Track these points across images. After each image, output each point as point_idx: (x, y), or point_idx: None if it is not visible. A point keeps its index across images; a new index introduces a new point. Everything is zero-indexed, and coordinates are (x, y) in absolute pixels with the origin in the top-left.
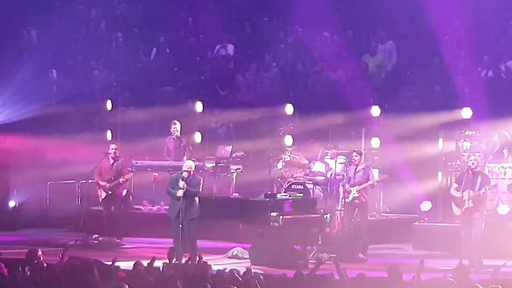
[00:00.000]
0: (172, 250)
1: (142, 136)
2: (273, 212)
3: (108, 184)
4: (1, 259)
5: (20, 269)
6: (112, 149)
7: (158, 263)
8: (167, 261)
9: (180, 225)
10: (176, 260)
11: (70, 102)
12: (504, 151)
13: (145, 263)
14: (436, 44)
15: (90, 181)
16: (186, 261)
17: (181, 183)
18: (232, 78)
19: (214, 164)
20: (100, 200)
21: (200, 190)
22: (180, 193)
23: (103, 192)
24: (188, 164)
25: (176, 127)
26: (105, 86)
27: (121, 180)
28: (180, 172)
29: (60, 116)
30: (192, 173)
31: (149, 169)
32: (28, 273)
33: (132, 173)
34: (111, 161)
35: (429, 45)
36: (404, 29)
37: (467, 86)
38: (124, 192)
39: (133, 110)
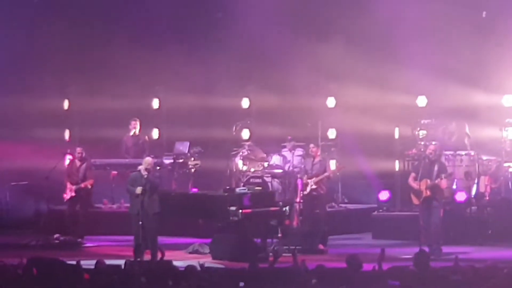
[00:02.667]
0: (139, 247)
1: (100, 134)
2: (232, 206)
3: (75, 187)
4: None
5: None
6: (79, 152)
7: (120, 261)
8: (130, 259)
9: (140, 222)
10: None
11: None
12: (466, 140)
13: (107, 261)
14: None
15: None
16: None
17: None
18: None
19: (172, 161)
20: (65, 200)
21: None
22: (139, 190)
23: (69, 192)
24: (148, 162)
25: (136, 124)
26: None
27: (82, 185)
28: (139, 169)
29: (17, 115)
30: (151, 170)
31: (108, 167)
32: None
33: (92, 180)
34: (78, 163)
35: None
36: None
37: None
38: None
39: (90, 108)
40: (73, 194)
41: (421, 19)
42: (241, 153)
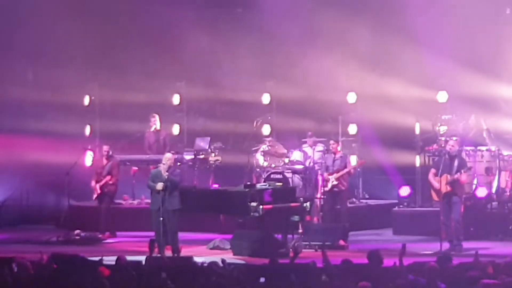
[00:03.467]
0: (153, 241)
1: (121, 130)
2: (253, 202)
3: (98, 185)
4: None
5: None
6: (105, 151)
7: (141, 257)
8: (149, 255)
9: (161, 218)
10: (158, 253)
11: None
12: (484, 134)
13: (127, 257)
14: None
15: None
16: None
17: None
18: None
19: (193, 156)
20: (94, 199)
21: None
22: (160, 186)
23: (96, 191)
24: (168, 157)
25: (155, 120)
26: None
27: (103, 181)
28: (159, 165)
29: (38, 111)
30: (171, 166)
31: (128, 163)
32: (16, 269)
33: (111, 176)
34: (104, 161)
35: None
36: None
37: (442, 68)
38: None
39: (111, 103)
40: (99, 191)
41: (442, 14)
42: (261, 149)
